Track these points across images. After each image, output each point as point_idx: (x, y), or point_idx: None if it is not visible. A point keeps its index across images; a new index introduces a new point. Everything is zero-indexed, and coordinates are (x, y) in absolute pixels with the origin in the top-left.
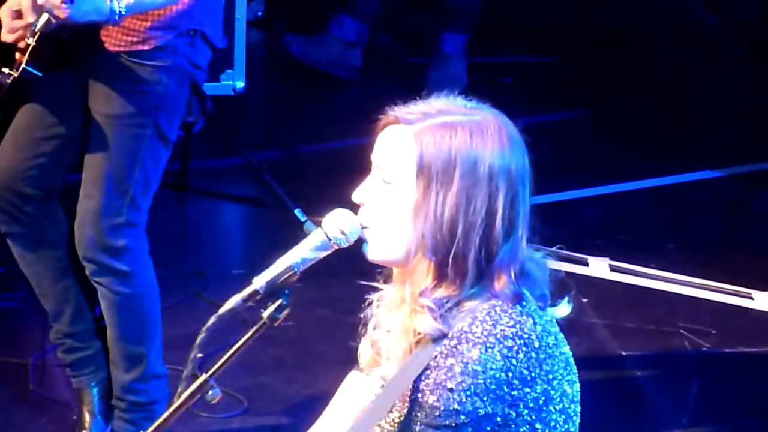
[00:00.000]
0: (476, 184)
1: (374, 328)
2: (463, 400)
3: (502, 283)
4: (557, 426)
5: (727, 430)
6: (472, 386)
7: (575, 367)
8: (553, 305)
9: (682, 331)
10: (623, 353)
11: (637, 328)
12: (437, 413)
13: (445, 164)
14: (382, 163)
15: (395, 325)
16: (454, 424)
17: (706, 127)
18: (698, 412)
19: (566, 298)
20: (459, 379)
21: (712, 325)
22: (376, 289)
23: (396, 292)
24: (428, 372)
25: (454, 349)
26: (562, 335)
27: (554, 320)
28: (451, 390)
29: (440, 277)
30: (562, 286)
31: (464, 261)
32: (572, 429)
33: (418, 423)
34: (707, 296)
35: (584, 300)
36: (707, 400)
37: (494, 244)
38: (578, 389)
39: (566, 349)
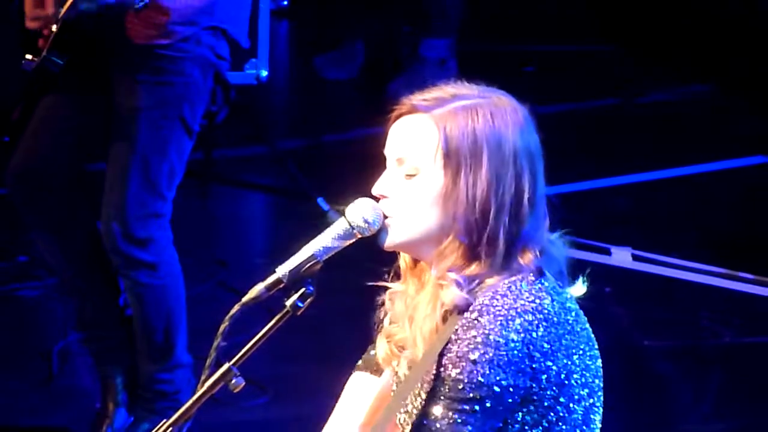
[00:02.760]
0: (503, 164)
1: (390, 323)
2: (487, 371)
3: (526, 259)
4: (582, 400)
5: (749, 420)
6: (494, 358)
7: (596, 343)
8: (570, 285)
9: (704, 320)
10: (645, 342)
11: (660, 317)
12: (461, 386)
13: (472, 147)
14: (404, 153)
15: (419, 309)
16: (478, 397)
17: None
18: (720, 402)
19: (581, 278)
20: (481, 351)
21: (735, 315)
22: (386, 289)
23: (411, 284)
24: (450, 345)
25: (475, 321)
26: (582, 312)
27: (574, 298)
28: (474, 362)
29: (471, 257)
30: (582, 271)
31: (496, 240)
32: (597, 403)
33: (442, 398)
34: (730, 286)
35: (606, 289)
36: (729, 390)
37: (521, 222)
38: (600, 365)
39: (587, 326)
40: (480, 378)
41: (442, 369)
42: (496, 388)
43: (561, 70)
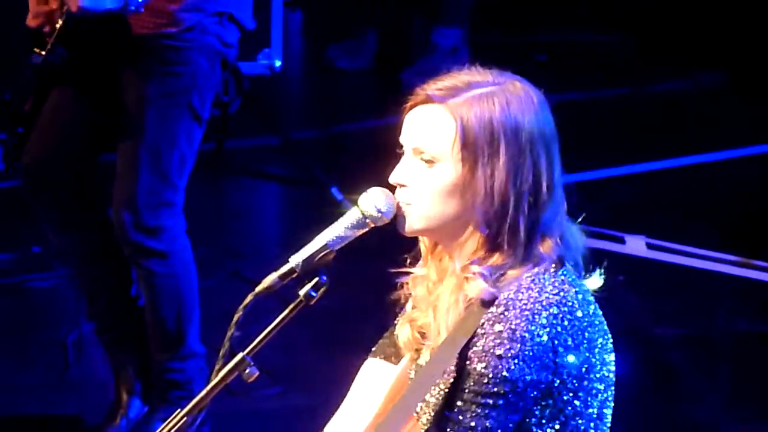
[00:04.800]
0: (520, 153)
1: (412, 308)
2: (512, 367)
3: (546, 247)
4: (598, 394)
5: (763, 410)
6: (520, 353)
7: (611, 336)
8: (586, 276)
9: (718, 309)
10: (659, 331)
11: (673, 306)
12: (485, 380)
13: (489, 138)
14: (421, 143)
15: (442, 299)
16: (502, 392)
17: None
18: (733, 391)
19: (598, 271)
20: (507, 346)
21: (750, 304)
22: (406, 274)
23: (433, 269)
24: (475, 339)
25: (501, 316)
26: (597, 305)
27: (590, 291)
28: (499, 357)
29: (493, 247)
30: (596, 260)
31: (516, 230)
32: (610, 397)
33: (465, 391)
34: (744, 274)
35: (620, 278)
36: (742, 379)
37: (541, 208)
38: (614, 359)
39: (603, 319)
40: (505, 373)
41: (467, 362)
42: (520, 384)
43: (573, 60)
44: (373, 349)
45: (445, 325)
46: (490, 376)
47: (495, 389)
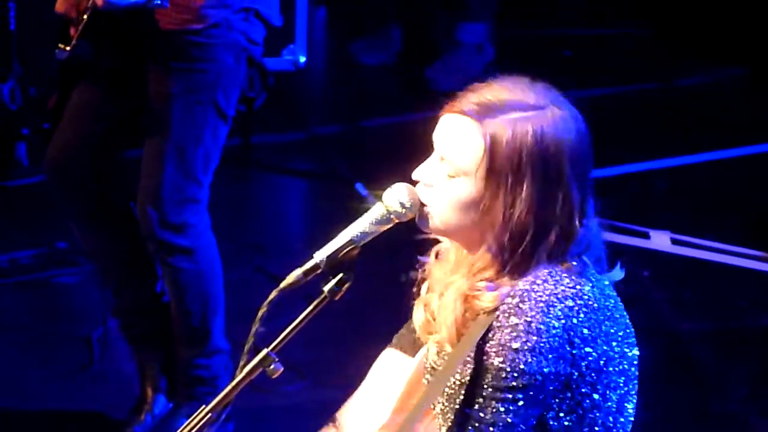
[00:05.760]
0: (548, 185)
1: (427, 290)
2: (529, 359)
3: (567, 265)
4: (617, 388)
5: None
6: (536, 346)
7: (633, 331)
8: (608, 270)
9: (743, 304)
10: (684, 327)
11: (698, 301)
12: (504, 375)
13: (516, 166)
14: (447, 154)
15: (449, 291)
16: (521, 385)
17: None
18: (760, 386)
19: (618, 264)
20: (524, 339)
21: None
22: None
23: (453, 251)
24: (491, 333)
25: (517, 308)
26: (619, 299)
27: (612, 285)
28: (516, 350)
29: (503, 269)
30: (618, 252)
31: (533, 258)
32: (632, 391)
33: (484, 387)
34: None
35: (645, 273)
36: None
37: (570, 240)
38: (637, 353)
39: (624, 313)
40: (522, 366)
41: (484, 357)
42: (539, 376)
43: (599, 54)
44: (394, 340)
45: (451, 318)
46: (508, 369)
47: (513, 383)
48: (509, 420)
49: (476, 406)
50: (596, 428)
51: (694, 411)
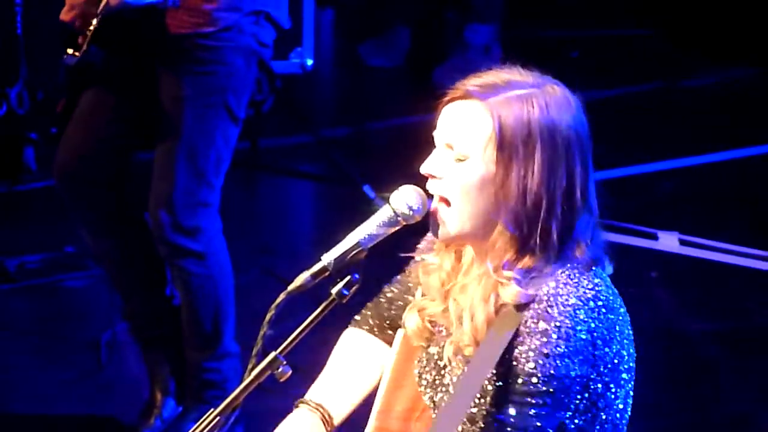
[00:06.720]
0: (556, 156)
1: (422, 296)
2: (558, 364)
3: (581, 251)
4: (625, 385)
5: None
6: (565, 350)
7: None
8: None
9: (751, 305)
10: (692, 327)
11: (707, 302)
12: (535, 380)
13: (526, 137)
14: (455, 139)
15: (475, 291)
16: (550, 390)
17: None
18: (767, 387)
19: (606, 259)
20: (554, 344)
21: None
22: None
23: (446, 259)
24: (520, 339)
25: (545, 313)
26: (621, 298)
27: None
28: (546, 355)
29: (523, 249)
30: (626, 254)
31: (549, 233)
32: (632, 390)
33: (515, 393)
34: None
35: (653, 274)
36: None
37: (575, 214)
38: (634, 350)
39: (625, 309)
40: (552, 371)
41: (513, 362)
42: (566, 380)
43: (605, 55)
44: (357, 318)
45: (473, 325)
46: (539, 375)
47: (544, 388)
48: (538, 424)
49: (506, 412)
50: (606, 426)
51: (703, 411)
